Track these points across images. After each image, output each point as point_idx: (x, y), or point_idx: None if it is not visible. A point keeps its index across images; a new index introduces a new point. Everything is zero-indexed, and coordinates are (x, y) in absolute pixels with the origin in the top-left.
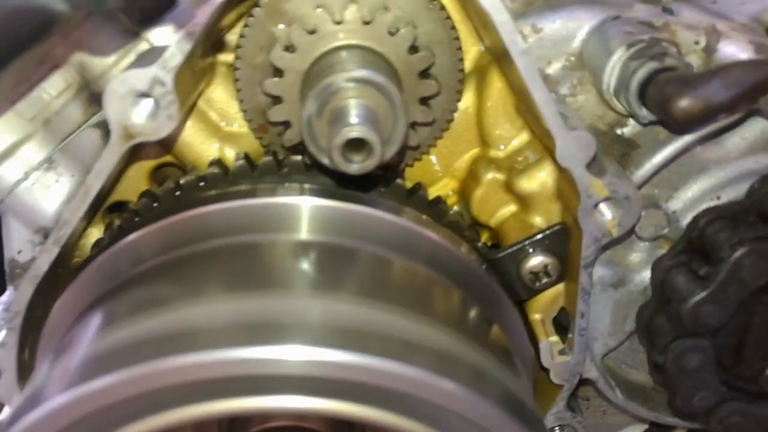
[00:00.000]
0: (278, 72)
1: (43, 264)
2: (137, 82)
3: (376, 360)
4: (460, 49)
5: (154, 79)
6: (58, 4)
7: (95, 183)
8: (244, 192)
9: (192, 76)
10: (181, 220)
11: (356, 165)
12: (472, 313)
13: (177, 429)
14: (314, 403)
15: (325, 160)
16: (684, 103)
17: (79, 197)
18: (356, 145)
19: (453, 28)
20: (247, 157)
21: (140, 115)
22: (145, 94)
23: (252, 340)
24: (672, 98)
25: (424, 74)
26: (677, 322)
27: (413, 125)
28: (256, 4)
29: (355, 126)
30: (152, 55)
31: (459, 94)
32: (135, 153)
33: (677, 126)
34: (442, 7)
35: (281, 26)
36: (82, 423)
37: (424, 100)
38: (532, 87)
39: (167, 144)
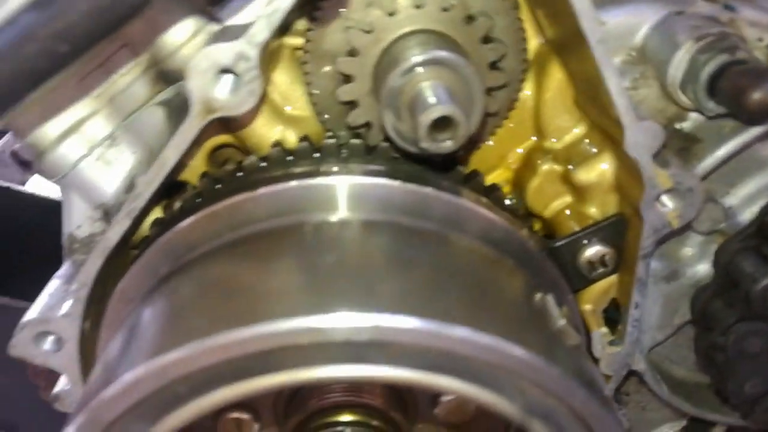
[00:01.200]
0: (353, 51)
1: (114, 236)
2: (222, 57)
3: (447, 326)
4: (525, 40)
5: (239, 54)
6: None
7: (171, 156)
8: (306, 173)
9: (269, 55)
10: (242, 200)
11: (444, 143)
12: (539, 293)
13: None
14: (377, 371)
15: (403, 144)
16: (758, 95)
17: (154, 170)
18: (441, 124)
19: (519, 18)
20: (308, 138)
21: (222, 89)
22: (227, 70)
23: (312, 310)
24: (746, 90)
25: (494, 66)
26: (743, 305)
27: (489, 91)
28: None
29: (436, 106)
30: (234, 30)
31: (521, 84)
32: (205, 131)
33: (750, 117)
34: None
35: (357, 9)
36: (159, 394)
37: (494, 65)
38: (606, 75)
39: (234, 125)
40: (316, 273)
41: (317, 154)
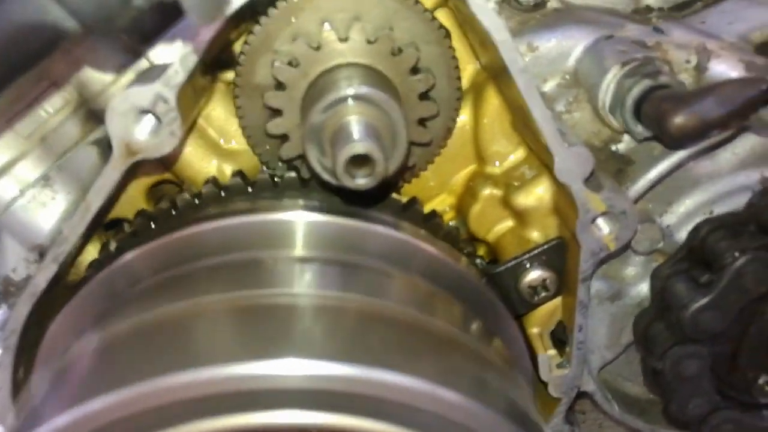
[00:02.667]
0: (280, 85)
1: (41, 281)
2: (140, 99)
3: (377, 371)
4: (458, 68)
5: (156, 96)
6: (66, 21)
7: (96, 200)
8: (240, 209)
9: (193, 94)
10: (177, 238)
11: (361, 180)
12: (473, 326)
13: None
14: (316, 418)
15: (328, 177)
16: (679, 119)
17: (79, 214)
18: (360, 160)
19: (451, 47)
20: (242, 173)
21: (142, 131)
22: (147, 111)
23: (252, 356)
24: (667, 115)
25: (424, 96)
26: (677, 329)
27: (421, 122)
28: (256, 22)
29: (358, 142)
30: (154, 72)
31: (456, 113)
32: (134, 170)
33: (672, 141)
34: (442, 27)
35: (283, 43)
36: None
37: (422, 121)
38: (531, 104)
39: (167, 161)
40: (248, 318)
41: (250, 189)
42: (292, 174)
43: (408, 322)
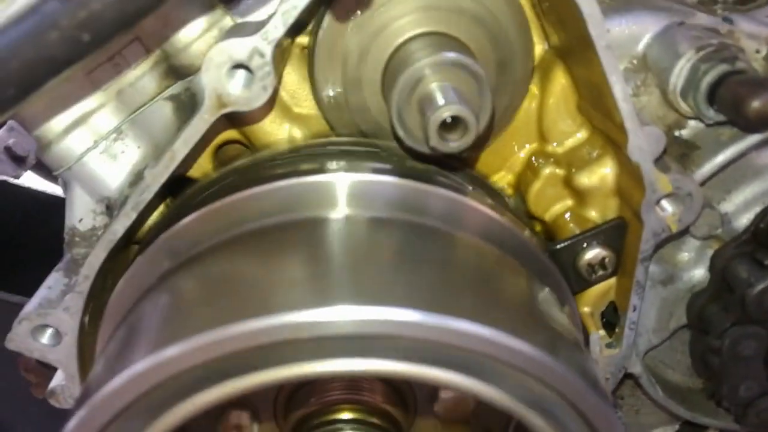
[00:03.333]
0: (357, 80)
1: (120, 228)
2: (237, 52)
3: (450, 320)
4: (532, 42)
5: (254, 50)
6: None
7: (182, 149)
8: (309, 170)
9: (281, 53)
10: (244, 198)
11: (455, 143)
12: (545, 290)
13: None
14: (378, 365)
15: (420, 147)
16: (757, 103)
17: (164, 163)
18: (450, 125)
19: (526, 21)
20: (312, 137)
21: (236, 84)
22: (242, 65)
23: (317, 303)
24: (746, 99)
25: (495, 42)
26: (738, 309)
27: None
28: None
29: (446, 106)
30: (249, 27)
31: (526, 89)
32: (212, 127)
33: (749, 125)
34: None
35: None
36: (161, 388)
37: (501, 67)
38: (613, 80)
39: (241, 120)
40: (317, 268)
41: (321, 151)
42: (364, 139)
43: (479, 276)
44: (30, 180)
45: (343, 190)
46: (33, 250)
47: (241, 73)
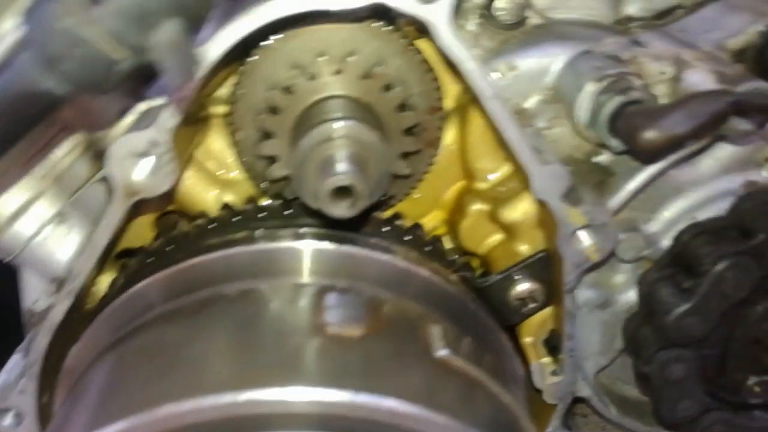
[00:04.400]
0: (268, 134)
1: (58, 313)
2: (136, 144)
3: (369, 397)
4: (435, 79)
5: (151, 141)
6: (59, 88)
7: (102, 237)
8: (237, 239)
9: (187, 132)
10: (181, 269)
11: (345, 210)
12: (463, 344)
13: None
14: None
15: (315, 204)
16: (648, 134)
17: (88, 251)
18: (342, 192)
19: (424, 61)
20: (227, 206)
21: (141, 173)
22: (143, 154)
23: (259, 383)
24: (637, 131)
25: (402, 107)
26: (662, 333)
27: (403, 155)
28: (246, 58)
29: (339, 175)
30: (150, 116)
31: (441, 120)
32: (139, 205)
33: (643, 156)
34: (411, 44)
35: (279, 72)
36: None
37: (409, 131)
38: (503, 128)
39: (169, 195)
40: (250, 344)
41: (236, 219)
42: (276, 203)
43: (400, 344)
44: None
45: (270, 258)
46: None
47: (145, 162)
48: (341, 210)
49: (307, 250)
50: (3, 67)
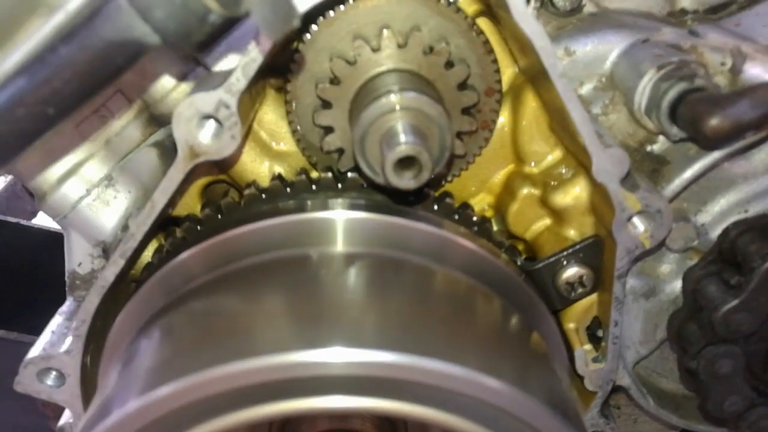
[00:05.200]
0: (327, 104)
1: (110, 275)
2: (203, 105)
3: (422, 359)
4: (495, 61)
5: (219, 102)
6: (149, 37)
7: (161, 199)
8: (291, 208)
9: (250, 99)
10: (229, 237)
11: (410, 181)
12: (513, 319)
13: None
14: (363, 402)
15: (379, 180)
16: (714, 121)
17: (145, 212)
18: (408, 162)
19: (486, 42)
20: (281, 176)
21: (205, 135)
22: (210, 116)
23: (301, 345)
24: (703, 117)
25: (463, 86)
26: (709, 329)
27: (459, 135)
28: (308, 29)
29: (404, 145)
30: (216, 78)
31: (498, 103)
32: (192, 171)
33: (707, 143)
34: (473, 24)
35: (340, 44)
36: (152, 426)
37: (466, 110)
38: (570, 107)
39: (223, 163)
40: (304, 309)
41: (301, 189)
42: (329, 175)
43: (450, 313)
44: (41, 219)
45: (322, 228)
46: (44, 290)
47: (210, 124)
48: (405, 181)
49: (349, 219)
50: (93, 13)
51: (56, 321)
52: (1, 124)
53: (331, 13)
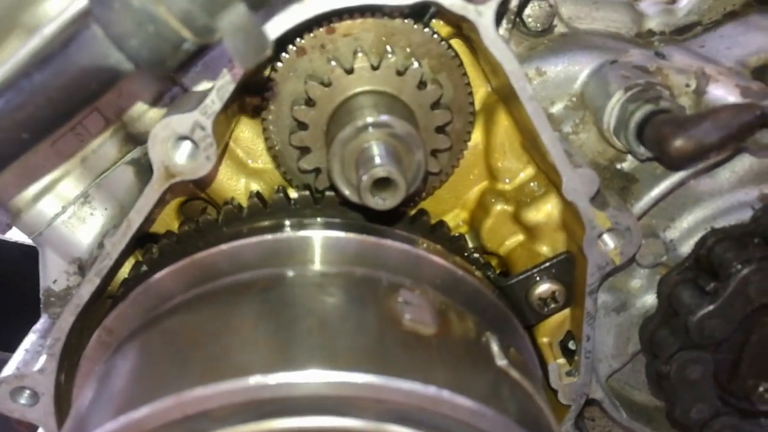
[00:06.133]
0: (310, 101)
1: (85, 294)
2: (179, 126)
3: (397, 380)
4: (468, 82)
5: (195, 124)
6: (124, 64)
7: (137, 218)
8: (262, 228)
9: (226, 119)
10: (206, 256)
11: (385, 201)
12: (486, 337)
13: None
14: (337, 422)
15: (355, 199)
16: (678, 143)
17: (121, 231)
18: (383, 183)
19: (459, 63)
20: (259, 194)
21: (181, 156)
22: (185, 137)
23: (276, 368)
24: (667, 138)
25: (436, 105)
26: (683, 334)
27: (433, 152)
28: (284, 50)
29: (379, 167)
30: (192, 99)
31: (472, 119)
32: (169, 190)
33: (672, 163)
34: (447, 46)
35: (316, 65)
36: None
37: (440, 129)
38: (540, 129)
39: (199, 182)
40: (281, 331)
41: (277, 207)
42: (306, 193)
43: (425, 332)
44: (16, 234)
45: (298, 247)
46: (18, 304)
47: (185, 145)
48: (381, 202)
49: (325, 238)
50: (69, 39)
51: (30, 339)
52: None
53: (309, 35)
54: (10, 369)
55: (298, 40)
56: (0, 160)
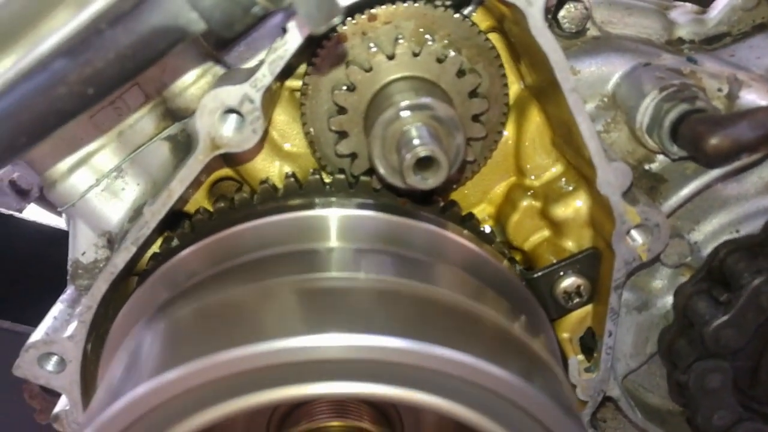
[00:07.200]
0: (342, 109)
1: (120, 262)
2: (228, 98)
3: (428, 345)
4: (504, 73)
5: (244, 96)
6: (195, 24)
7: (178, 188)
8: (293, 206)
9: (271, 97)
10: (236, 232)
11: (427, 181)
12: (520, 320)
13: (228, 427)
14: (362, 388)
15: (397, 183)
16: (715, 140)
17: (162, 200)
18: (424, 164)
19: (496, 55)
20: (294, 175)
21: (228, 128)
22: (233, 110)
23: (311, 330)
24: (704, 136)
25: (473, 94)
26: (699, 344)
27: (469, 141)
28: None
29: (421, 146)
30: (240, 74)
31: (506, 110)
32: (205, 170)
33: (708, 161)
34: (485, 38)
35: (356, 51)
36: (159, 409)
37: (476, 117)
38: (579, 120)
39: (234, 159)
40: (311, 298)
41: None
42: (341, 176)
43: (459, 308)
44: (34, 213)
45: (332, 225)
46: (36, 282)
47: (232, 117)
48: (423, 182)
49: (357, 216)
50: None
51: (58, 308)
52: (41, 102)
53: (346, 24)
54: (38, 335)
55: (339, 26)
56: (63, 116)
